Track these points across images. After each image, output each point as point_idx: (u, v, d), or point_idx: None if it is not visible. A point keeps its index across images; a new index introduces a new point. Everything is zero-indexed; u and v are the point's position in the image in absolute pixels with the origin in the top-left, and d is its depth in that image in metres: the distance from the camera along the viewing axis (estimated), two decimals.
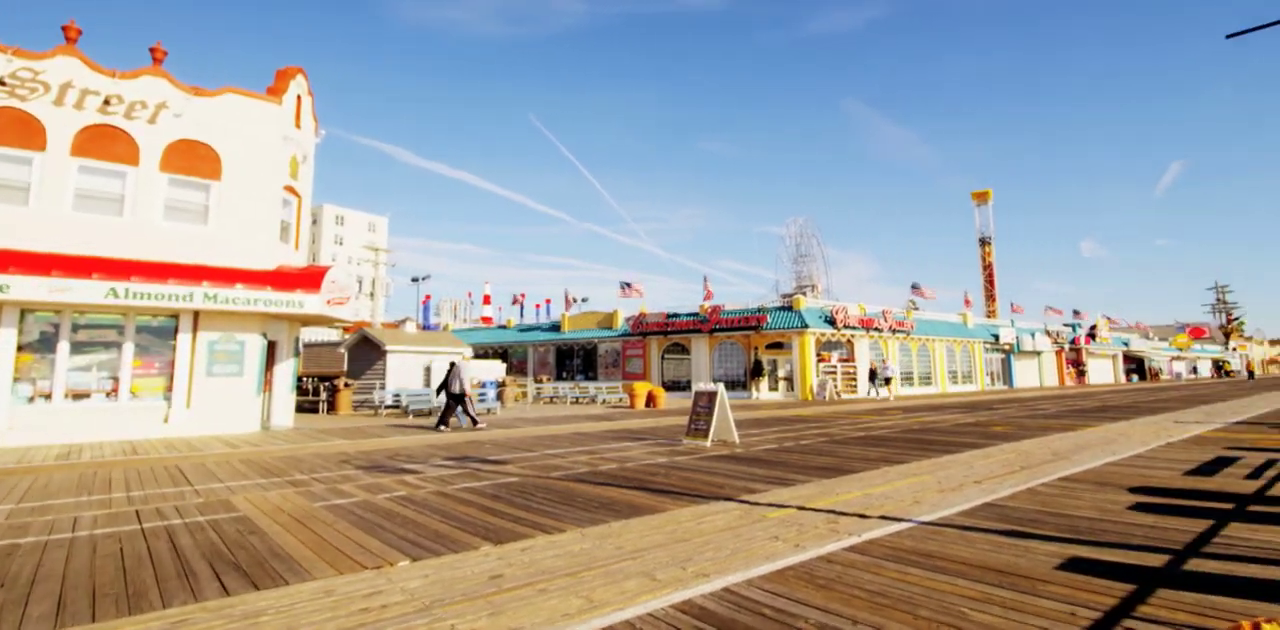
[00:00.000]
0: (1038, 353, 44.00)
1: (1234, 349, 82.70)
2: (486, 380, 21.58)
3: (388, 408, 19.55)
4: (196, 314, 12.96)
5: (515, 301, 47.38)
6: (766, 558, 4.42)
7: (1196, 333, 75.42)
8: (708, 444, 11.06)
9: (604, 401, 25.62)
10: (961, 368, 37.27)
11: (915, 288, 39.52)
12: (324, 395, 20.15)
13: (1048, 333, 45.82)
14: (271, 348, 14.66)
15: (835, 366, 28.46)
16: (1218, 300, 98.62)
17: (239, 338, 13.44)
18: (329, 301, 13.65)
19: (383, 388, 20.47)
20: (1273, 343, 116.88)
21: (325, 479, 8.12)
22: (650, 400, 22.43)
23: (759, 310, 28.99)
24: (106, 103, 12.36)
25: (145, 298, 11.77)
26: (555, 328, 37.12)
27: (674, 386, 29.74)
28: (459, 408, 14.48)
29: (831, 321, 28.36)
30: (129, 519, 5.91)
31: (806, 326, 27.18)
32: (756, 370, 28.01)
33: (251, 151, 13.90)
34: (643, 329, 31.57)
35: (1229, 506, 5.95)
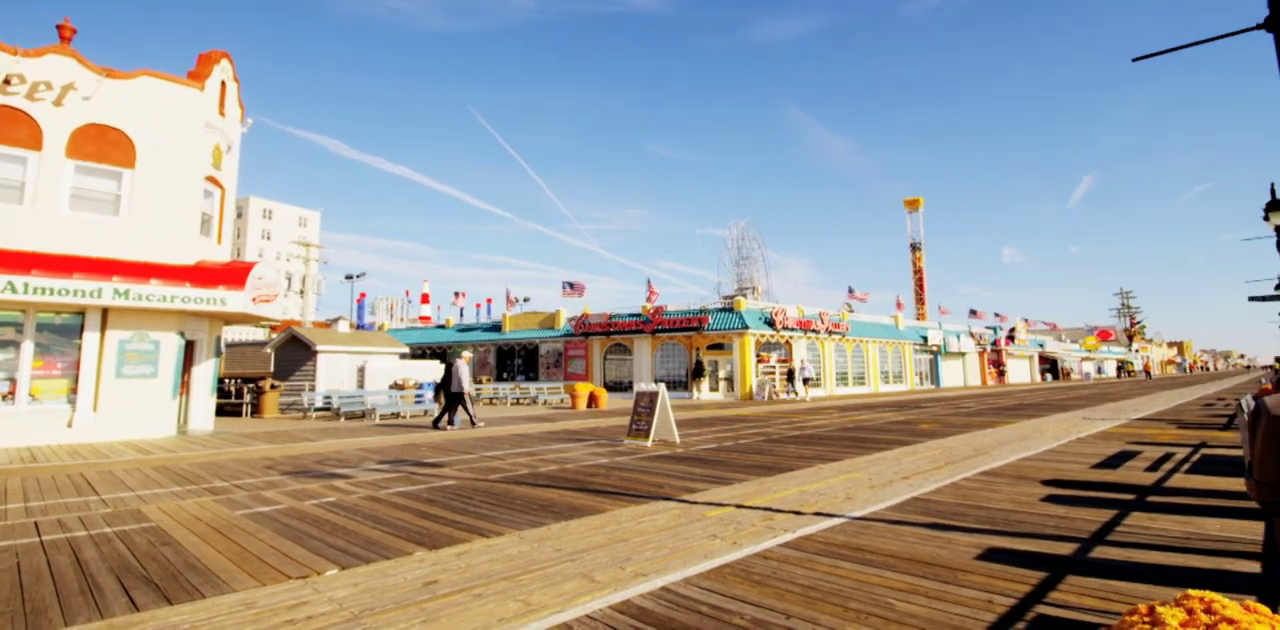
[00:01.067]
0: (962, 354, 46.23)
1: (1136, 350, 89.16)
2: (424, 381, 21.04)
3: (318, 410, 18.79)
4: (105, 311, 12.11)
5: (455, 301, 46.38)
6: (705, 556, 4.47)
7: (1104, 335, 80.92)
8: (649, 444, 11.11)
9: (545, 402, 25.38)
10: (893, 368, 38.77)
11: (851, 291, 40.89)
12: (248, 398, 19.18)
13: (972, 335, 48.23)
14: (190, 347, 13.86)
15: (774, 367, 29.10)
16: (1122, 305, 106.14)
17: (153, 337, 12.63)
18: (255, 299, 13.01)
19: (313, 389, 19.66)
20: (1170, 345, 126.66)
21: (247, 486, 7.73)
22: (592, 401, 22.36)
23: (701, 311, 29.36)
24: (6, 82, 11.41)
25: (47, 293, 10.92)
26: (496, 328, 36.55)
27: (616, 387, 29.76)
28: (459, 406, 14.66)
29: (771, 323, 28.99)
30: (26, 531, 5.46)
31: (747, 328, 27.70)
32: (698, 371, 28.34)
33: (170, 139, 13.10)
34: (585, 329, 31.46)
35: (1131, 497, 6.39)
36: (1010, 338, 53.44)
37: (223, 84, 14.50)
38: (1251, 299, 21.78)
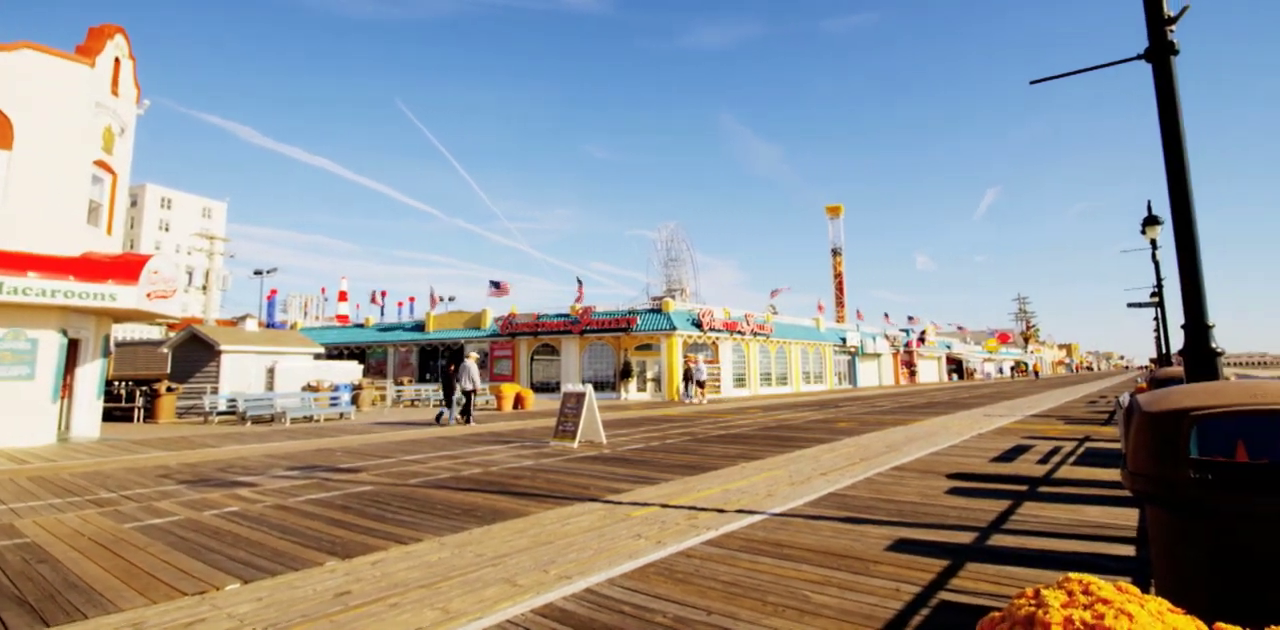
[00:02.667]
0: (878, 355, 48.50)
1: (1031, 352, 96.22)
2: (340, 383, 20.12)
3: (221, 415, 17.63)
4: None
5: (375, 299, 44.55)
6: (629, 556, 4.48)
7: (1003, 338, 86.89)
8: (575, 445, 11.05)
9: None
10: (814, 368, 40.19)
11: (775, 293, 42.12)
12: (141, 401, 17.76)
13: (886, 337, 50.68)
14: (74, 347, 12.69)
15: (701, 368, 29.56)
16: (1019, 310, 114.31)
17: (30, 335, 11.49)
18: (150, 295, 12.05)
19: (215, 392, 18.43)
20: (1060, 347, 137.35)
21: (138, 497, 7.15)
22: (518, 402, 22.03)
23: (630, 312, 29.48)
24: None
25: None
26: (419, 327, 35.40)
27: (543, 388, 29.43)
28: (469, 401, 15.96)
29: (698, 324, 29.45)
30: None
31: (675, 329, 28.02)
32: (625, 371, 28.43)
33: (54, 119, 11.95)
34: (512, 330, 30.97)
35: (1024, 488, 6.88)
36: (921, 340, 56.52)
37: (116, 61, 13.38)
38: (1130, 305, 23.93)
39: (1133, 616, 1.35)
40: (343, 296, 55.68)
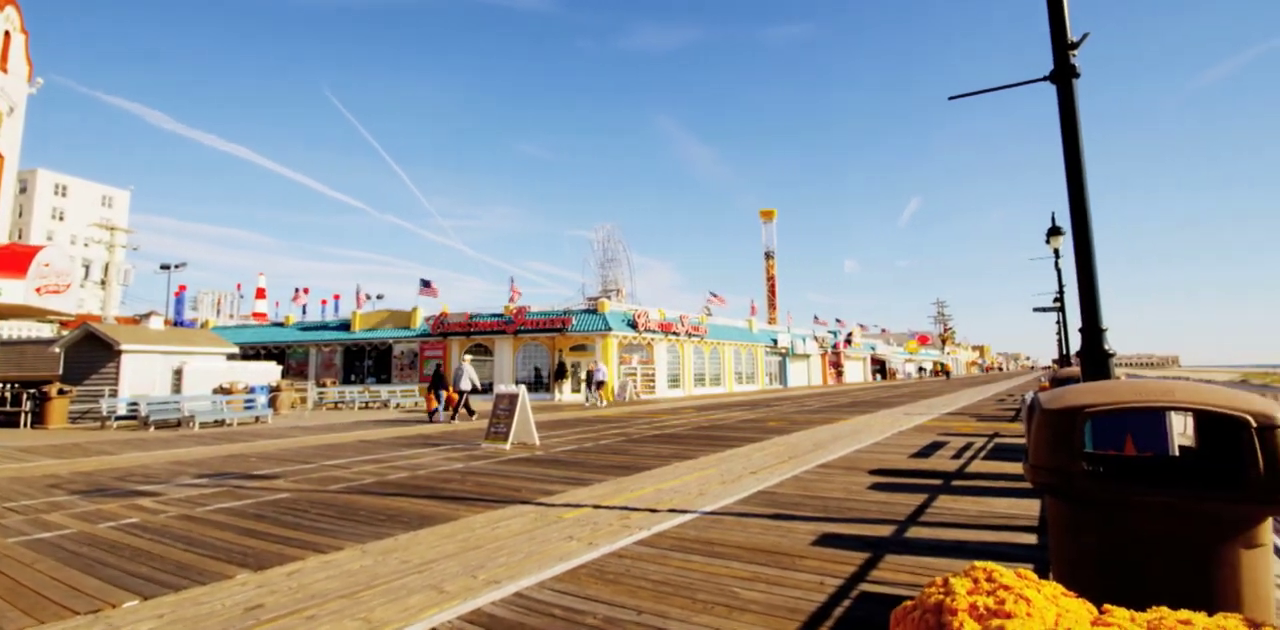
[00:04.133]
0: (807, 356, 50.04)
1: (948, 353, 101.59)
2: (256, 385, 19.08)
3: (120, 419, 16.39)
4: None
5: (297, 297, 42.45)
6: (560, 558, 4.45)
7: (923, 339, 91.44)
8: (507, 447, 10.87)
9: (398, 406, 24.01)
10: (746, 369, 41.07)
11: (711, 295, 42.77)
12: (28, 405, 16.29)
13: (815, 338, 52.36)
14: None
15: (636, 368, 29.71)
16: (938, 313, 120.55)
17: None
18: (39, 289, 11.09)
19: (114, 395, 17.12)
20: (974, 348, 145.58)
21: (24, 509, 6.55)
22: (449, 403, 21.49)
23: (565, 313, 29.29)
24: None
25: None
26: (345, 326, 34.02)
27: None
28: (461, 401, 17.03)
29: (634, 325, 29.57)
30: None
31: (610, 329, 28.03)
32: (560, 372, 28.22)
33: None
34: (444, 329, 30.21)
35: (939, 482, 7.25)
36: (848, 341, 58.72)
37: (5, 35, 12.25)
38: (1035, 310, 25.64)
39: (1030, 601, 1.44)
40: (260, 293, 52.85)
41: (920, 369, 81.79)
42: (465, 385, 17.20)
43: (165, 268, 41.63)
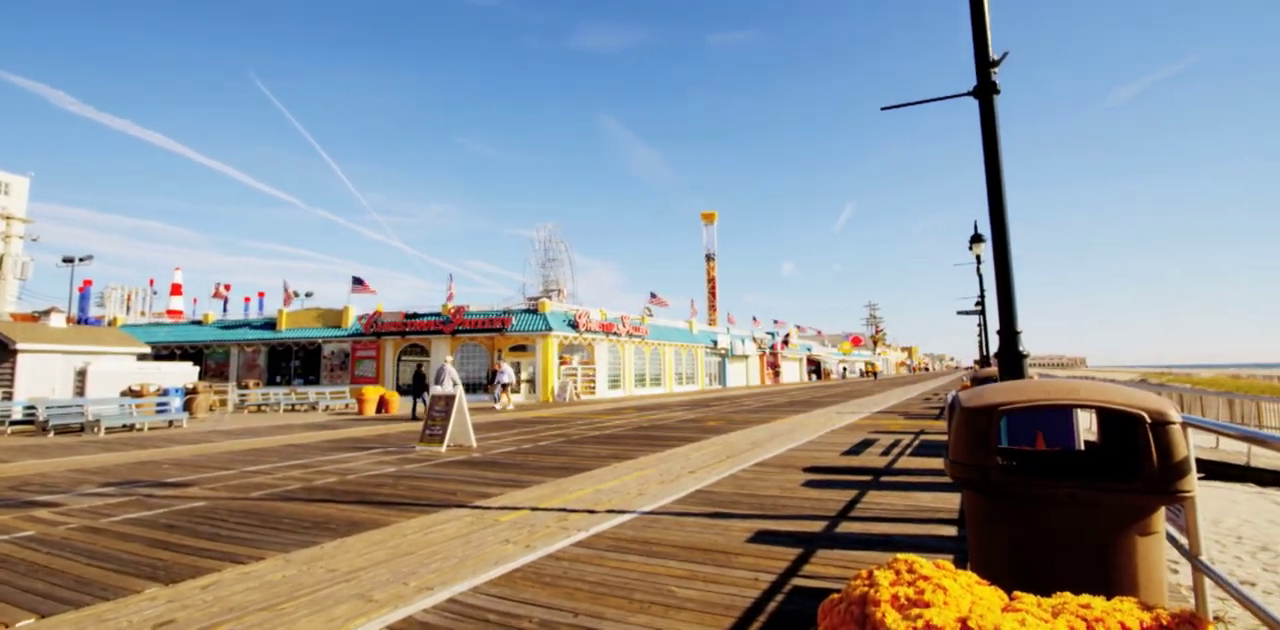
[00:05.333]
0: (746, 357, 51.00)
1: (879, 354, 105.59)
2: (170, 387, 17.96)
3: (16, 424, 15.13)
4: None
5: (218, 293, 40.14)
6: (496, 562, 4.37)
7: (856, 341, 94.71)
8: (443, 449, 10.62)
9: (328, 408, 23.08)
10: (686, 370, 41.50)
11: (652, 296, 43.00)
12: None
13: (754, 340, 53.43)
14: None
15: (576, 369, 29.56)
16: (870, 315, 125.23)
17: None
18: None
19: (8, 398, 15.78)
20: (903, 349, 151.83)
21: None
22: (382, 405, 20.85)
23: (505, 313, 28.86)
24: None
25: None
26: (270, 325, 32.44)
27: (411, 390, 28.07)
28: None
29: (574, 325, 29.41)
30: None
31: (550, 330, 27.79)
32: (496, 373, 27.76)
33: None
34: (377, 329, 29.26)
35: (869, 478, 7.51)
36: (785, 343, 60.19)
37: None
38: (959, 313, 26.96)
39: (947, 590, 1.51)
40: (176, 290, 49.78)
41: (851, 370, 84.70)
42: (448, 387, 17.20)
43: (69, 261, 38.62)
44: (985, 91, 5.80)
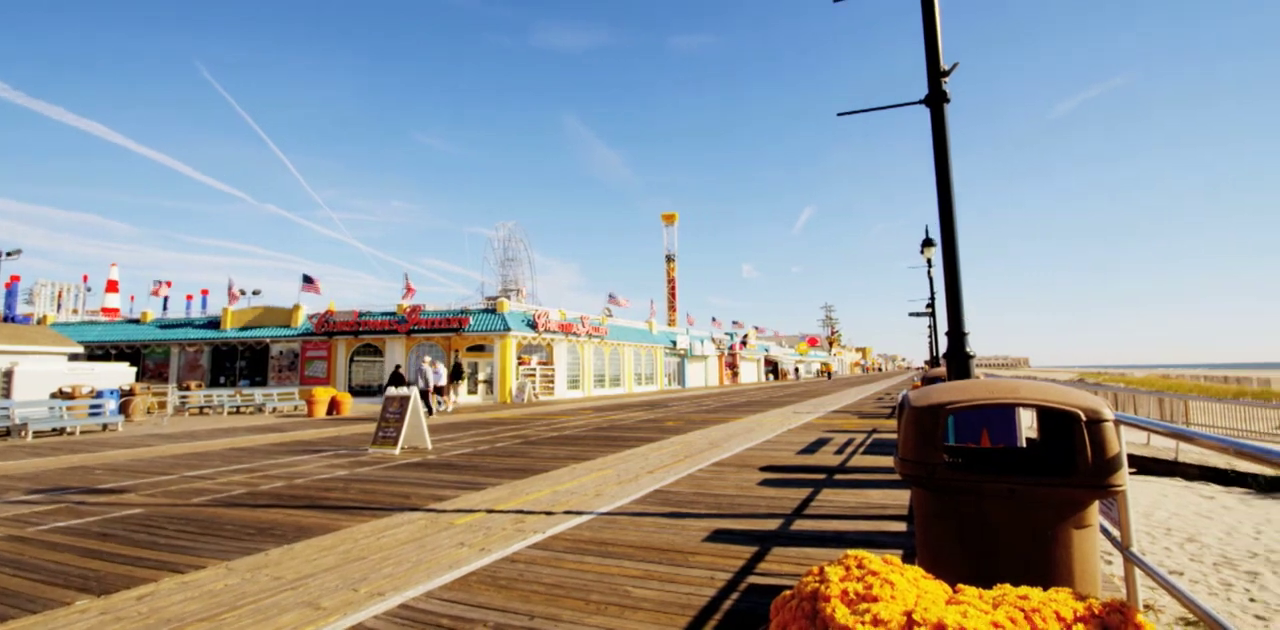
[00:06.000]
0: (705, 357, 51.41)
1: (835, 355, 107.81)
2: (105, 389, 17.11)
3: None
4: None
5: (157, 291, 38.36)
6: (450, 566, 4.30)
7: (812, 341, 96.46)
8: (397, 452, 10.39)
9: (276, 410, 22.34)
10: (645, 370, 41.59)
11: (612, 297, 42.97)
12: None
13: (713, 340, 53.91)
14: None
15: (535, 369, 29.32)
16: (826, 317, 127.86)
17: None
18: None
19: None
20: (857, 350, 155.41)
21: None
22: (334, 407, 20.29)
23: (462, 312, 28.42)
24: None
25: None
26: (214, 324, 31.22)
27: (364, 391, 27.40)
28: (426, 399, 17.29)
29: (533, 325, 29.17)
30: None
31: (509, 330, 27.50)
32: (456, 373, 27.34)
33: None
34: (329, 328, 28.45)
35: (823, 477, 7.66)
36: (744, 343, 60.91)
37: None
38: (910, 314, 27.73)
39: (894, 584, 1.55)
40: (112, 286, 47.41)
41: (808, 370, 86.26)
42: (426, 388, 18.18)
43: None
44: (936, 100, 5.98)
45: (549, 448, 11.07)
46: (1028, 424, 7.88)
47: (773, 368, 72.21)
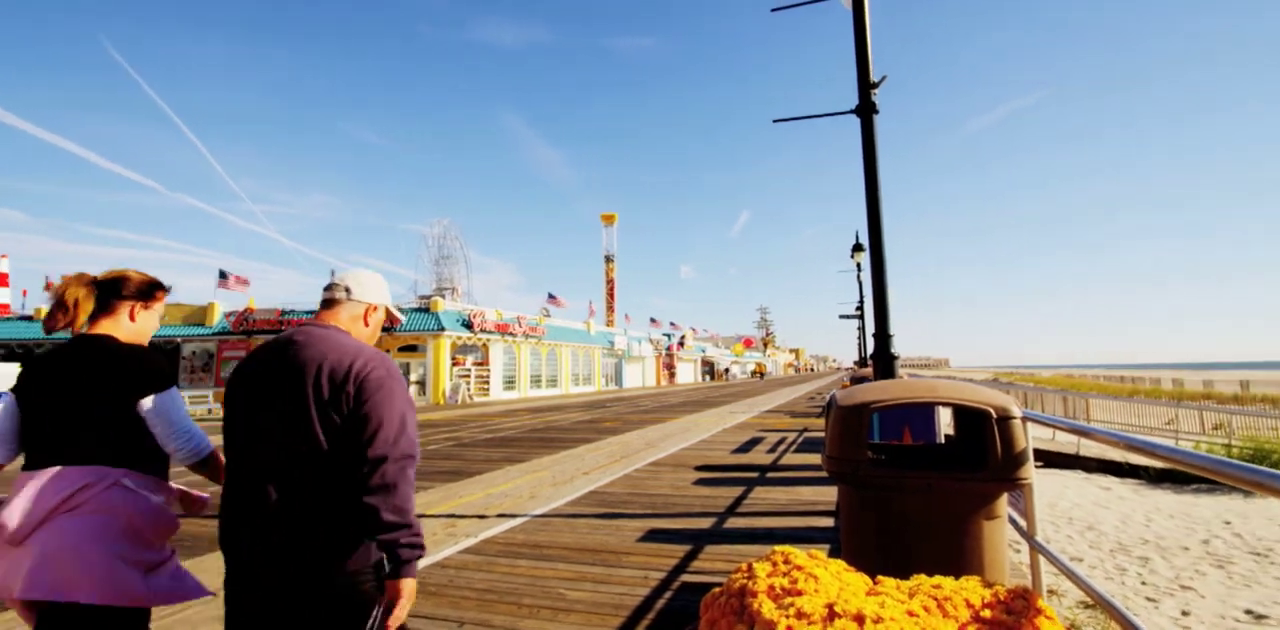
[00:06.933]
0: (643, 358, 51.71)
1: (769, 356, 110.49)
2: None
3: None
4: None
5: (51, 285, 35.39)
6: None
7: (748, 343, 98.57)
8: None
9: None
10: (583, 371, 41.45)
11: (550, 297, 42.62)
12: None
13: (651, 341, 54.28)
14: None
15: (469, 370, 28.75)
16: (761, 318, 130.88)
17: None
18: None
19: None
20: (790, 350, 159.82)
21: None
22: None
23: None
24: None
25: None
26: None
27: None
28: None
29: (469, 325, 28.59)
30: None
31: (443, 329, 26.86)
32: None
33: None
34: (250, 327, 27.04)
35: (755, 475, 7.83)
36: (681, 344, 61.59)
37: None
38: (841, 317, 28.69)
39: (818, 578, 1.60)
40: (2, 280, 43.51)
41: (727, 370, 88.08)
42: None
43: None
44: (866, 110, 6.21)
45: (483, 450, 10.87)
46: (946, 421, 8.29)
47: (709, 368, 73.33)
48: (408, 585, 1.52)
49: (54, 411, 1.88)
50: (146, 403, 1.90)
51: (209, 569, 4.33)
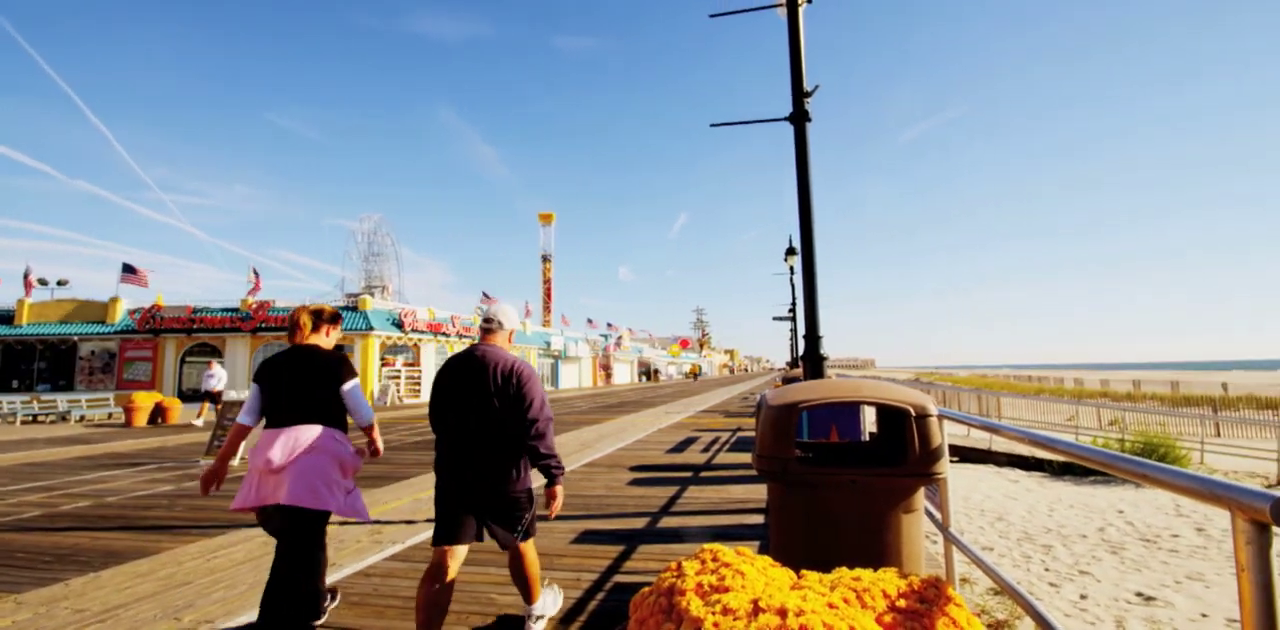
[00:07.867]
0: (579, 358, 51.44)
1: (704, 356, 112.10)
2: None
3: None
4: None
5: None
6: None
7: (684, 343, 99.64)
8: (236, 463, 9.42)
9: (84, 419, 19.51)
10: None
11: (485, 296, 41.80)
12: None
13: (588, 341, 54.08)
14: None
15: (399, 371, 27.88)
16: (697, 319, 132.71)
17: None
18: None
19: None
20: (726, 352, 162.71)
21: None
22: (160, 415, 18.06)
23: None
24: None
25: None
26: (6, 319, 26.70)
27: (200, 397, 24.64)
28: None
29: (400, 325, 27.72)
30: None
31: (372, 329, 25.93)
32: None
33: None
34: (156, 325, 25.32)
35: (689, 474, 7.92)
36: (618, 345, 61.65)
37: None
38: (774, 318, 29.43)
39: (745, 574, 1.63)
40: None
41: (658, 370, 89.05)
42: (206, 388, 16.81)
43: None
44: (799, 118, 6.39)
45: (413, 453, 10.55)
46: (871, 420, 8.64)
47: (646, 369, 73.72)
48: (559, 490, 2.84)
49: (289, 392, 3.07)
50: (346, 387, 3.16)
51: (106, 584, 4.02)
